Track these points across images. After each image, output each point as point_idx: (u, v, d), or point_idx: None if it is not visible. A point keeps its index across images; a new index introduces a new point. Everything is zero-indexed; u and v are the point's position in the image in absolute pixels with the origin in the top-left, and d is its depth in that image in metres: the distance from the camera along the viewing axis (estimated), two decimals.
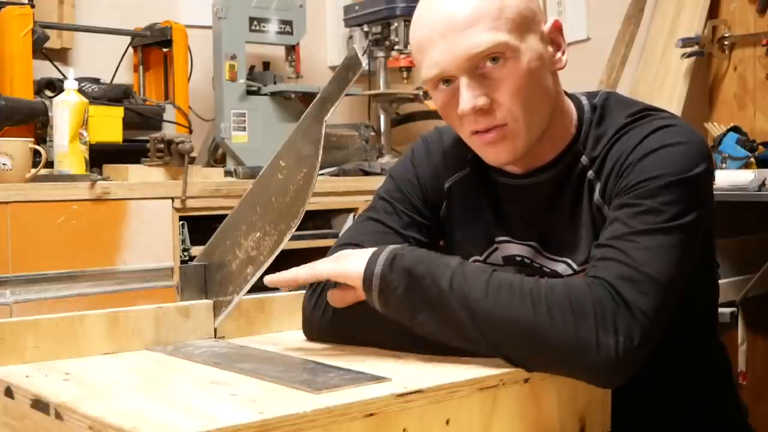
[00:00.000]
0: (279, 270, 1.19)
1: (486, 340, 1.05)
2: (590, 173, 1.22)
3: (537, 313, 1.03)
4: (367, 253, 1.13)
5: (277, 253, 1.20)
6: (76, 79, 2.42)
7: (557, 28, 1.22)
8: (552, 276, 1.25)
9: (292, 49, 3.04)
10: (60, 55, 2.98)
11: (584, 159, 1.23)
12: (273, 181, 1.21)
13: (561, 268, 1.24)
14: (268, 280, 1.17)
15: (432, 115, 3.21)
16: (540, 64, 1.19)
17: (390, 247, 1.13)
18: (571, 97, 1.28)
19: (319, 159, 1.17)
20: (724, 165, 2.53)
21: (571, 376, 1.07)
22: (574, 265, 1.23)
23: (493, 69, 1.16)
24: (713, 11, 2.93)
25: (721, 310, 2.20)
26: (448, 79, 1.18)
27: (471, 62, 1.15)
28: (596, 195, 1.20)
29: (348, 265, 1.13)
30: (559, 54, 1.23)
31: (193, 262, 1.32)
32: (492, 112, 1.17)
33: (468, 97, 1.16)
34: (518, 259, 1.28)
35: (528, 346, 1.04)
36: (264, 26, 2.92)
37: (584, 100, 1.27)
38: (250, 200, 1.25)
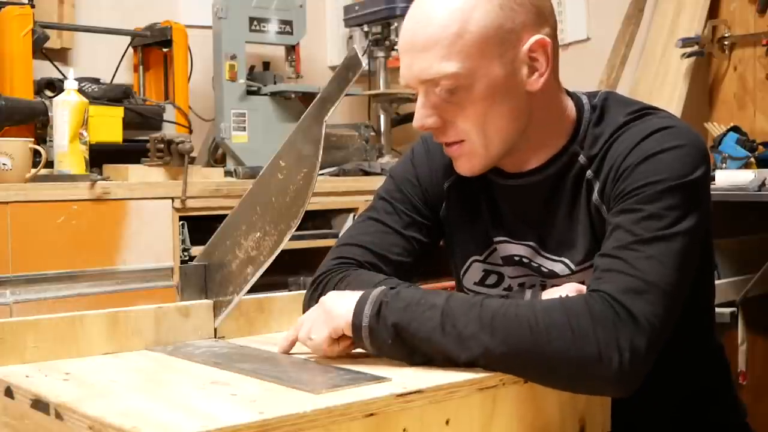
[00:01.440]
0: (278, 270, 1.19)
1: (489, 368, 1.04)
2: (589, 173, 1.22)
3: (536, 338, 1.02)
4: (352, 300, 1.11)
5: (277, 253, 1.20)
6: (76, 79, 2.42)
7: (541, 46, 1.18)
8: (550, 275, 1.25)
9: (292, 49, 3.04)
10: (60, 55, 2.98)
11: (582, 158, 1.22)
12: (273, 181, 1.21)
13: (559, 267, 1.24)
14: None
15: None
16: (503, 88, 1.16)
17: (376, 291, 1.11)
18: (572, 95, 1.28)
19: (319, 159, 1.17)
20: (724, 165, 2.53)
21: (582, 392, 1.07)
22: (572, 265, 1.23)
23: (447, 93, 1.16)
24: (713, 11, 2.92)
25: (721, 310, 2.20)
26: None
27: (424, 84, 1.17)
28: (595, 195, 1.20)
29: (336, 321, 1.11)
30: (535, 75, 1.18)
31: (193, 262, 1.32)
32: (445, 131, 1.20)
33: (419, 116, 1.19)
34: (516, 258, 1.28)
35: (533, 371, 1.04)
36: (264, 26, 2.92)
37: (584, 99, 1.27)
38: (250, 200, 1.25)
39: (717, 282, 2.10)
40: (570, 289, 1.15)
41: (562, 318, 1.03)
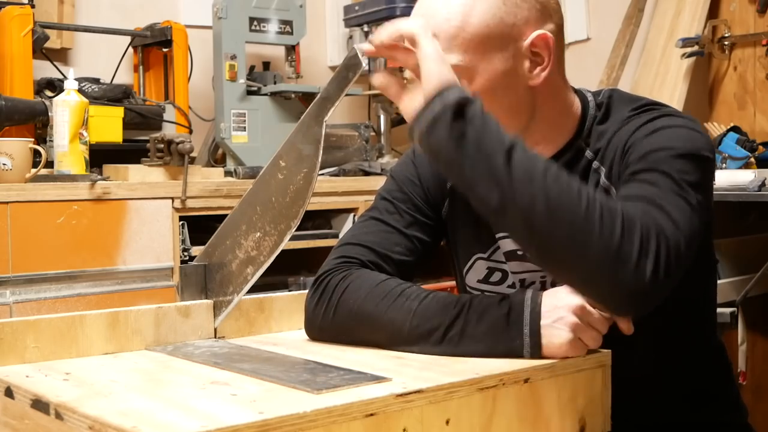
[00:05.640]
0: (278, 270, 1.18)
1: (529, 217, 1.01)
2: (595, 163, 1.22)
3: (589, 213, 1.00)
4: (444, 80, 1.06)
5: (277, 253, 1.20)
6: (76, 79, 2.42)
7: (543, 40, 1.19)
8: None
9: (292, 49, 3.04)
10: (60, 55, 2.98)
11: (588, 153, 1.23)
12: (273, 181, 1.21)
13: None
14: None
15: None
16: (504, 82, 1.17)
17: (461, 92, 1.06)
18: (578, 92, 1.28)
19: (319, 159, 1.17)
20: (724, 165, 2.53)
21: (595, 286, 1.04)
22: None
23: None
24: (713, 11, 2.93)
25: (721, 310, 2.20)
26: None
27: None
28: (602, 179, 1.21)
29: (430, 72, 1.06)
30: (537, 70, 1.20)
31: (193, 262, 1.32)
32: None
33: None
34: (520, 253, 1.28)
35: (566, 239, 1.01)
36: (264, 26, 2.92)
37: (589, 96, 1.28)
38: (250, 200, 1.25)
39: (717, 282, 2.11)
40: (570, 289, 1.15)
41: (617, 209, 1.02)
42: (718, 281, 2.21)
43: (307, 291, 1.28)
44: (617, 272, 1.00)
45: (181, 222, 2.47)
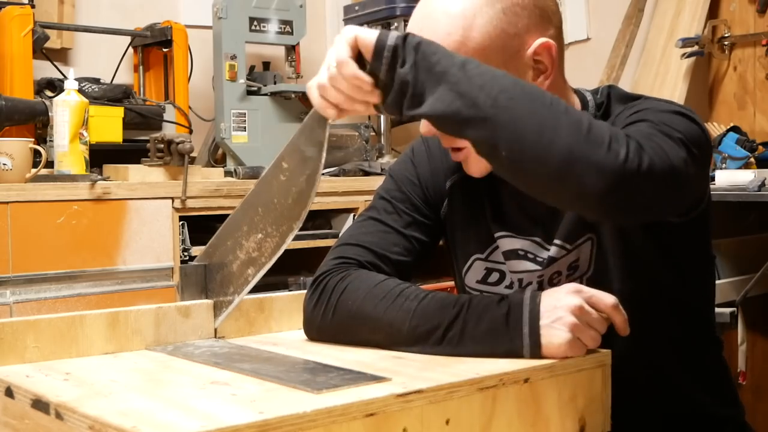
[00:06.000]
0: (279, 270, 1.18)
1: (495, 114, 0.98)
2: None
3: (554, 106, 0.99)
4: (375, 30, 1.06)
5: (278, 255, 1.20)
6: (76, 79, 2.42)
7: (546, 49, 1.19)
8: (549, 263, 1.25)
9: (292, 49, 3.04)
10: (60, 55, 2.98)
11: None
12: (275, 183, 1.21)
13: (554, 250, 1.24)
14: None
15: None
16: None
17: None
18: (577, 92, 1.28)
19: (323, 162, 1.17)
20: (724, 165, 2.53)
21: (570, 175, 0.98)
22: (567, 245, 1.23)
23: None
24: (713, 11, 2.93)
25: (721, 310, 2.21)
26: None
27: None
28: None
29: (357, 30, 1.06)
30: (541, 78, 1.19)
31: (194, 262, 1.32)
32: (451, 138, 1.19)
33: (423, 122, 1.17)
34: (521, 253, 1.28)
35: (535, 131, 0.98)
36: (264, 26, 2.92)
37: (588, 96, 1.28)
38: (251, 201, 1.25)
39: (717, 282, 2.11)
40: (569, 289, 1.14)
41: (583, 113, 1.01)
42: (718, 281, 2.21)
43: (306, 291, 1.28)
44: (591, 153, 0.97)
45: (181, 222, 2.47)
